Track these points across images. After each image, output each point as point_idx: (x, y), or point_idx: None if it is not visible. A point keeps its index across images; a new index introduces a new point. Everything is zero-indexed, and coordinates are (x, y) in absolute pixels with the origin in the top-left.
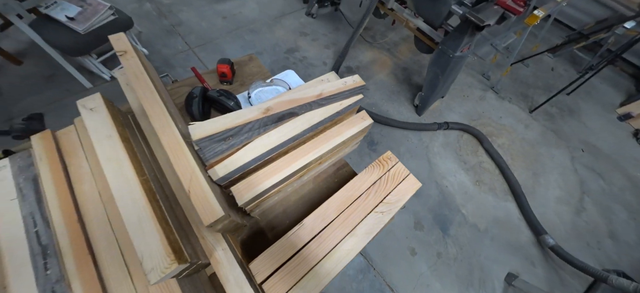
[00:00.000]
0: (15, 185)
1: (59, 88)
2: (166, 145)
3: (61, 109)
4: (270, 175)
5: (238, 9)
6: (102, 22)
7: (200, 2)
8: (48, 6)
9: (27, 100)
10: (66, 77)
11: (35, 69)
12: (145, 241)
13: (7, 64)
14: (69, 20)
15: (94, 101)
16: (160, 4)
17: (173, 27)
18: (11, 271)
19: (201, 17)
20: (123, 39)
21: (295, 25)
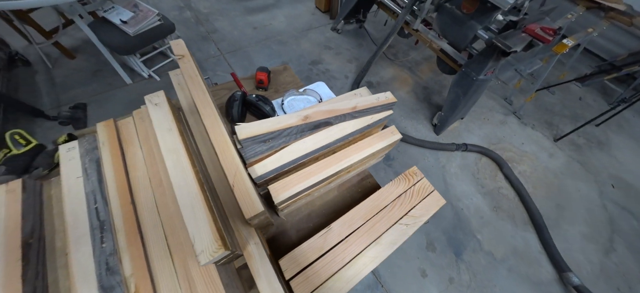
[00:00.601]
0: (81, 165)
1: (103, 82)
2: (214, 142)
3: (103, 101)
4: (304, 178)
5: (268, 21)
6: (149, 27)
7: (235, 12)
8: (106, 10)
9: (75, 91)
10: (110, 72)
11: (85, 64)
12: (197, 225)
13: (62, 57)
14: (122, 24)
15: (159, 98)
16: (198, 13)
17: (208, 34)
18: (73, 240)
19: (234, 26)
20: (182, 45)
21: (321, 39)
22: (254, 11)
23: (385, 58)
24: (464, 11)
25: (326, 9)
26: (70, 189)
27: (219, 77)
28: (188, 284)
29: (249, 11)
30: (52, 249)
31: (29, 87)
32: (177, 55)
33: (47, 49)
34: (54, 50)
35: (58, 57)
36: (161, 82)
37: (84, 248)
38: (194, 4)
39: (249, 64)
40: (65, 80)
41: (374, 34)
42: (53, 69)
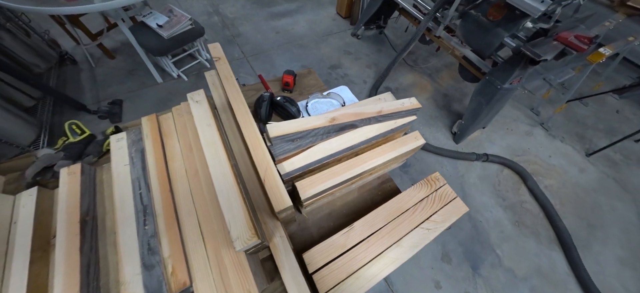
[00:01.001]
0: (128, 154)
1: (137, 81)
2: (247, 138)
3: (136, 98)
4: (329, 177)
5: (291, 26)
6: (181, 30)
7: (259, 17)
8: (145, 16)
9: (113, 88)
10: (144, 72)
11: (123, 64)
12: (233, 214)
13: (103, 57)
14: (158, 27)
15: (199, 96)
16: (225, 17)
17: (233, 38)
18: (120, 221)
19: (257, 30)
20: (218, 48)
21: (340, 44)
22: (277, 16)
23: (404, 64)
24: (489, 18)
25: (347, 14)
26: (119, 175)
27: (242, 79)
28: (219, 270)
29: (272, 16)
30: (103, 228)
31: (75, 83)
32: (214, 57)
33: (91, 50)
34: (97, 50)
35: (100, 57)
36: (188, 82)
37: (129, 228)
38: (221, 10)
39: (271, 66)
40: (105, 78)
41: (393, 40)
42: (95, 68)
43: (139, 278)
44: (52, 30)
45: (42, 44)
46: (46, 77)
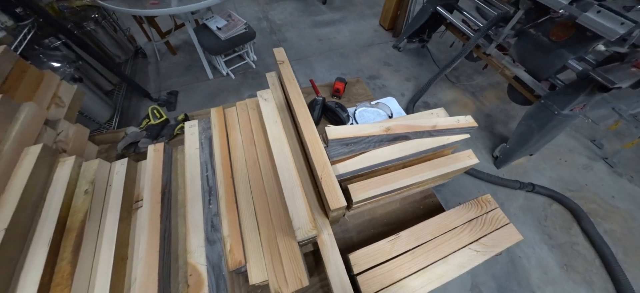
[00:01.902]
0: (198, 140)
1: (192, 75)
2: (307, 137)
3: (190, 90)
4: (381, 184)
5: (333, 34)
6: (237, 33)
7: (304, 25)
8: (207, 19)
9: (172, 80)
10: (199, 68)
11: (182, 60)
12: (296, 206)
13: (168, 53)
14: (217, 30)
15: (268, 94)
16: (273, 23)
17: (278, 42)
18: (190, 198)
19: (302, 37)
20: (282, 52)
21: (381, 55)
22: (321, 25)
23: (446, 80)
24: (552, 38)
25: (390, 27)
26: (190, 157)
27: None
28: (270, 256)
29: (316, 24)
30: (175, 201)
31: (143, 73)
32: (278, 60)
33: (159, 46)
34: (164, 47)
35: (165, 53)
36: (235, 80)
37: (196, 205)
38: (270, 16)
39: (311, 72)
40: (166, 71)
41: (436, 54)
42: (160, 62)
43: (202, 250)
44: (132, 28)
45: (123, 38)
46: (123, 66)
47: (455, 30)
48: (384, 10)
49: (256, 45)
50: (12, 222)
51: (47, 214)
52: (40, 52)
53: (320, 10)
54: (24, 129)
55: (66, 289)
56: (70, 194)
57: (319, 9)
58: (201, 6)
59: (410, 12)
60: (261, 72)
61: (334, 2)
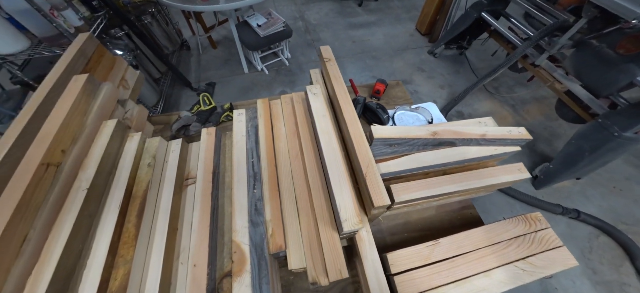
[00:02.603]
0: (245, 127)
1: (229, 69)
2: (352, 134)
3: (226, 83)
4: (424, 188)
5: (367, 37)
6: (275, 31)
7: (339, 26)
8: (248, 16)
9: (211, 72)
10: (236, 63)
11: (221, 54)
12: (343, 198)
13: (209, 47)
14: (257, 27)
15: (316, 89)
16: (308, 23)
17: (312, 42)
18: (236, 180)
19: (336, 37)
20: (329, 50)
21: (415, 60)
22: (355, 26)
23: (484, 90)
24: (619, 51)
25: (427, 31)
26: (237, 143)
27: None
28: (309, 244)
29: (351, 26)
30: (223, 182)
31: (185, 64)
32: (325, 58)
33: (202, 40)
34: (206, 41)
35: (206, 47)
36: (268, 76)
37: (242, 188)
38: (306, 16)
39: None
40: (206, 64)
41: (475, 63)
42: (201, 55)
43: (246, 230)
44: (179, 22)
45: (173, 32)
46: (170, 57)
47: (499, 38)
48: (421, 15)
49: (291, 44)
50: (93, 183)
51: (118, 181)
52: (107, 40)
53: (356, 12)
54: (103, 104)
55: (131, 248)
56: (136, 165)
57: (354, 11)
58: (245, 4)
59: (451, 17)
60: (293, 70)
61: (370, 4)
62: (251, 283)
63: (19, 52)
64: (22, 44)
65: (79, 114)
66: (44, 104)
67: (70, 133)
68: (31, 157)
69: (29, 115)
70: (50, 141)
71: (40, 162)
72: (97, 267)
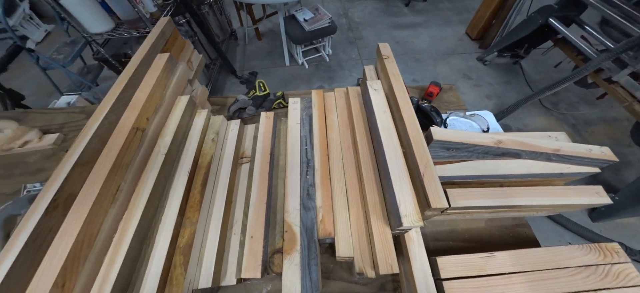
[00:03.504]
0: (300, 115)
1: (271, 60)
2: (410, 133)
3: (268, 73)
4: (482, 197)
5: (411, 38)
6: (320, 26)
7: (382, 25)
8: (296, 10)
9: (254, 62)
10: (278, 55)
11: (265, 45)
12: (402, 193)
13: (254, 39)
14: (304, 21)
15: (377, 84)
16: (351, 21)
17: (354, 40)
18: (289, 165)
19: (378, 36)
20: (387, 47)
21: (461, 66)
22: (400, 27)
23: (539, 105)
24: None
25: (478, 36)
26: (292, 129)
27: (353, 79)
28: (358, 235)
29: (395, 26)
30: (277, 164)
31: (232, 53)
32: (384, 55)
33: (249, 31)
34: (252, 32)
35: (252, 38)
36: (308, 70)
37: (295, 172)
38: (350, 13)
39: None
40: (251, 54)
41: (531, 74)
42: (247, 45)
43: (297, 212)
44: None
45: (225, 22)
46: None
47: (568, 48)
48: (474, 18)
49: (332, 40)
50: (169, 150)
51: (187, 150)
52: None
53: (402, 11)
54: (178, 81)
55: (196, 213)
56: (202, 139)
57: (400, 11)
58: None
59: (509, 22)
60: (333, 66)
61: (418, 5)
62: (300, 263)
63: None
64: (109, 25)
65: (160, 87)
66: (134, 76)
67: (153, 104)
68: (126, 121)
69: (122, 85)
70: (140, 109)
71: (132, 126)
72: (170, 222)
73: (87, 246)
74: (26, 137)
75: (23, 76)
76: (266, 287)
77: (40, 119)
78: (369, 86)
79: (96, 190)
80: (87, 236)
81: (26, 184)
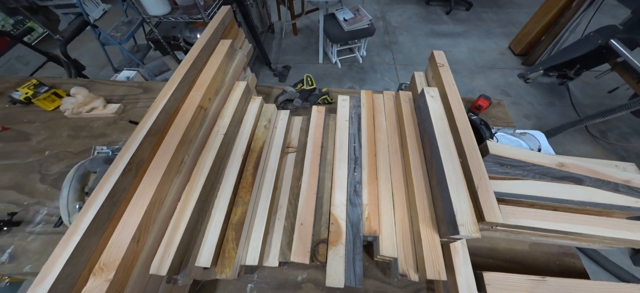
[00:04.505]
0: (349, 113)
1: (304, 56)
2: (464, 144)
3: (300, 69)
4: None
5: (449, 48)
6: (359, 28)
7: (420, 31)
8: (337, 9)
9: (288, 56)
10: (312, 52)
11: (300, 41)
12: (460, 202)
13: (290, 33)
14: (343, 21)
15: (434, 92)
16: (388, 24)
17: (389, 44)
18: (337, 160)
19: (414, 43)
20: (442, 55)
21: (500, 82)
22: (438, 35)
23: (585, 131)
24: None
25: (523, 52)
26: (341, 126)
27: (385, 83)
28: (402, 237)
29: (433, 34)
30: (325, 157)
31: (268, 46)
32: (438, 63)
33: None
34: (289, 27)
35: (289, 32)
36: (340, 70)
37: (342, 168)
38: (388, 17)
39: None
40: (285, 48)
41: (579, 98)
42: (283, 39)
43: (344, 207)
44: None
45: (265, 14)
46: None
47: (628, 73)
48: (520, 33)
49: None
50: (227, 131)
51: (242, 134)
52: None
53: (442, 19)
54: (236, 67)
55: (248, 193)
56: (255, 125)
57: (440, 18)
58: None
59: (561, 40)
60: (366, 68)
61: (459, 14)
62: (345, 256)
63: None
64: (166, 8)
65: (221, 71)
66: (197, 59)
67: (215, 86)
68: (193, 99)
69: (187, 66)
70: (205, 89)
71: (198, 104)
72: (225, 199)
73: (157, 209)
74: (93, 104)
75: (80, 49)
76: (302, 275)
77: (104, 89)
78: (426, 93)
79: (167, 159)
80: (158, 199)
81: (95, 146)
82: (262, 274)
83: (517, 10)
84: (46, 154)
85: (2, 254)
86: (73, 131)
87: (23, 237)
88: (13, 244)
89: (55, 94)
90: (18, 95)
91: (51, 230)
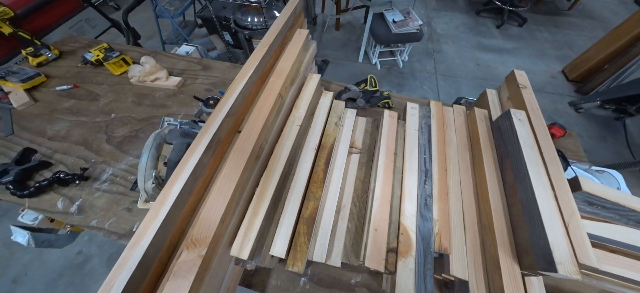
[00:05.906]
0: (418, 123)
1: (344, 52)
2: (552, 176)
3: (338, 65)
4: (628, 267)
5: (495, 64)
6: (408, 31)
7: (466, 43)
8: (386, 10)
9: (328, 50)
10: (352, 49)
11: (341, 37)
12: (556, 238)
13: (332, 28)
14: (392, 22)
15: (521, 115)
16: (433, 31)
17: (432, 52)
18: (407, 169)
19: (459, 54)
20: (524, 76)
21: (547, 107)
22: (485, 48)
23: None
24: None
25: (578, 78)
26: (410, 135)
27: (423, 92)
28: (473, 259)
29: (480, 47)
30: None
31: None
32: (520, 84)
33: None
34: (332, 21)
35: (330, 27)
36: (379, 71)
37: (412, 179)
38: (433, 23)
39: (455, 93)
40: (326, 42)
41: (635, 136)
42: (324, 33)
43: (414, 218)
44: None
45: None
46: None
47: None
48: (579, 58)
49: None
50: (302, 123)
51: (314, 128)
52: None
53: (491, 33)
54: (309, 59)
55: (320, 189)
56: (326, 120)
57: (489, 31)
58: None
59: (627, 72)
60: (405, 74)
61: (511, 29)
62: (415, 270)
63: None
64: None
65: (297, 62)
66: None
67: (291, 76)
68: (273, 85)
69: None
70: (284, 77)
71: (278, 92)
72: (298, 192)
73: (239, 193)
74: (158, 74)
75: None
76: (356, 278)
77: (166, 61)
78: (513, 115)
79: (251, 143)
80: (240, 183)
81: (164, 117)
82: (316, 270)
83: (576, 33)
84: (112, 116)
85: (72, 205)
86: (137, 98)
87: (90, 192)
88: (82, 197)
89: (124, 60)
90: (90, 57)
91: (115, 190)
